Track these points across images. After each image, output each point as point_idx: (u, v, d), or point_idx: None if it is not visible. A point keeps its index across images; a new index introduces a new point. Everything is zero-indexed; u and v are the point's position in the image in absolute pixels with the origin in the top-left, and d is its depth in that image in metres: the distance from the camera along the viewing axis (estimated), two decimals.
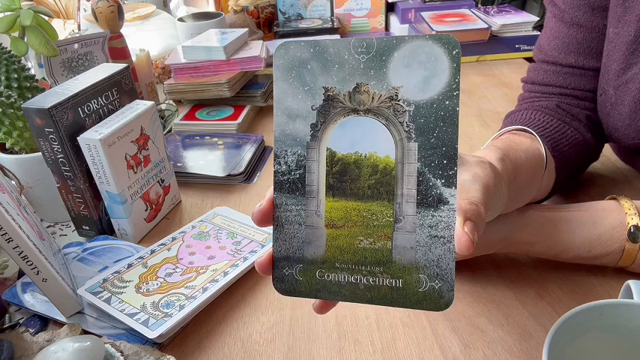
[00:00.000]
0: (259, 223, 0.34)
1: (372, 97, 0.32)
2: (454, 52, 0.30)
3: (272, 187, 0.34)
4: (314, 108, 0.33)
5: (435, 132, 0.31)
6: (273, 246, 0.34)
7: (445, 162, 0.31)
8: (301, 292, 0.34)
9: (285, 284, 0.34)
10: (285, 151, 0.33)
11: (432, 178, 0.31)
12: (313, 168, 0.33)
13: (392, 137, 0.32)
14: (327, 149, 0.33)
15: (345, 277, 0.33)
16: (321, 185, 0.33)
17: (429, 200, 0.31)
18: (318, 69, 0.32)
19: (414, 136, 0.31)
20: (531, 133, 0.55)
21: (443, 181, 0.31)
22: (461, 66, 0.30)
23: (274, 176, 0.34)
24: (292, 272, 0.34)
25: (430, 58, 0.31)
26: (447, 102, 0.31)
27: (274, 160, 0.33)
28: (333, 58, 0.32)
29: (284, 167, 0.33)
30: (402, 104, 0.31)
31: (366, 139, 0.32)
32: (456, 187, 0.31)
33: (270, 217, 0.34)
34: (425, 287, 0.32)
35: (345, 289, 0.33)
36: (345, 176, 0.33)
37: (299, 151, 0.33)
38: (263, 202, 0.34)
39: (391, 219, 0.32)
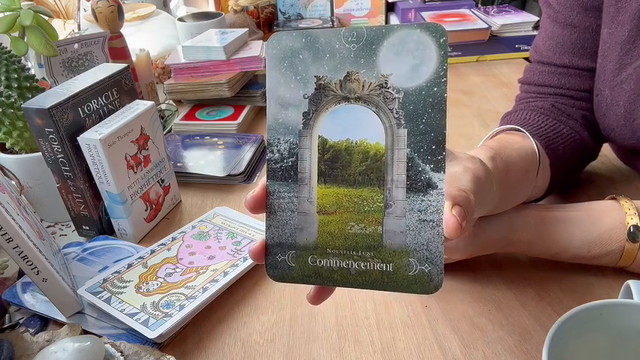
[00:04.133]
0: (252, 210, 0.34)
1: (363, 85, 0.33)
2: (441, 40, 0.31)
3: (265, 175, 0.34)
4: (306, 97, 0.33)
5: (424, 118, 0.32)
6: (265, 233, 0.34)
7: (434, 147, 0.32)
8: (294, 278, 0.34)
9: (277, 271, 0.34)
10: (278, 139, 0.34)
11: (421, 164, 0.32)
12: (305, 155, 0.34)
13: (382, 124, 0.33)
14: (319, 137, 0.33)
15: (336, 262, 0.33)
16: (313, 172, 0.34)
17: (418, 185, 0.32)
18: (310, 58, 0.33)
19: (403, 122, 0.32)
20: (524, 132, 0.55)
21: (432, 166, 0.32)
22: (448, 53, 0.31)
23: (267, 164, 0.34)
24: (285, 259, 0.34)
25: (418, 46, 0.31)
26: (435, 89, 0.31)
27: (267, 148, 0.34)
28: (324, 48, 0.33)
29: (276, 155, 0.34)
30: (391, 91, 0.32)
31: (356, 126, 0.33)
32: (444, 171, 0.32)
33: (263, 204, 0.34)
34: (415, 271, 0.32)
35: (337, 274, 0.33)
36: (336, 163, 0.33)
37: (291, 139, 0.34)
38: (256, 189, 0.34)
39: (381, 204, 0.33)
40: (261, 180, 0.35)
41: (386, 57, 0.32)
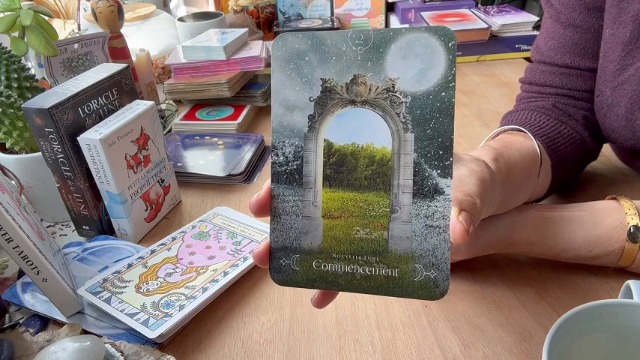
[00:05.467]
0: (256, 213, 0.34)
1: (369, 89, 0.32)
2: (450, 44, 0.31)
3: (269, 178, 0.34)
4: (311, 99, 0.33)
5: (431, 123, 0.31)
6: (270, 236, 0.34)
7: (441, 153, 0.31)
8: (298, 283, 0.34)
9: (282, 275, 0.34)
10: (283, 142, 0.33)
11: (428, 169, 0.32)
12: (310, 159, 0.33)
13: (389, 128, 0.32)
14: (325, 140, 0.33)
15: (341, 267, 0.33)
16: (318, 176, 0.33)
17: (424, 190, 0.32)
18: (316, 61, 0.33)
19: (410, 127, 0.32)
20: (525, 132, 0.55)
21: (439, 171, 0.31)
22: (456, 57, 0.31)
23: (272, 167, 0.34)
24: (289, 263, 0.34)
25: (426, 50, 0.31)
26: (443, 93, 0.31)
27: (272, 151, 0.34)
28: (330, 50, 0.32)
29: (281, 158, 0.34)
30: (398, 95, 0.32)
31: (363, 130, 0.33)
32: (451, 177, 0.31)
33: (267, 207, 0.34)
34: (421, 277, 0.32)
35: (342, 279, 0.33)
36: (342, 167, 0.33)
37: (296, 142, 0.33)
38: (260, 192, 0.34)
39: (387, 209, 0.33)
40: (265, 183, 0.34)
41: (393, 60, 0.32)
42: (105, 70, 0.62)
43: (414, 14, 1.30)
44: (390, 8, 1.38)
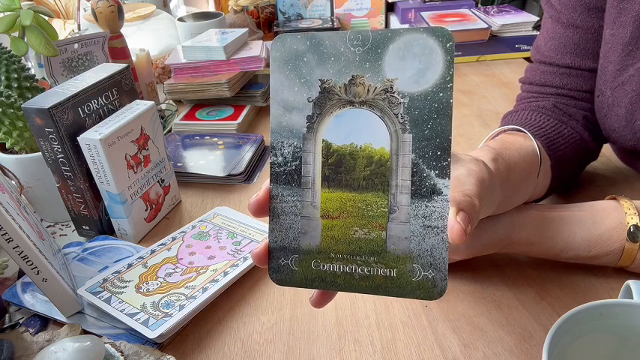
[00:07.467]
0: (255, 213, 0.34)
1: (368, 90, 0.32)
2: (448, 45, 0.31)
3: (268, 178, 0.34)
4: (310, 100, 0.33)
5: (429, 124, 0.31)
6: (269, 237, 0.34)
7: (439, 153, 0.31)
8: (297, 283, 0.34)
9: (280, 274, 0.34)
10: (282, 142, 0.34)
11: (426, 169, 0.32)
12: (309, 159, 0.33)
13: (387, 129, 0.32)
14: (323, 141, 0.33)
15: (340, 267, 0.33)
16: (316, 176, 0.33)
17: (422, 191, 0.32)
18: (315, 61, 0.33)
19: (408, 127, 0.32)
20: (525, 132, 0.55)
21: (437, 172, 0.32)
22: (454, 58, 0.31)
23: (270, 168, 0.34)
24: (288, 262, 0.34)
25: (424, 51, 0.31)
26: (441, 94, 0.31)
27: (270, 151, 0.34)
28: (329, 51, 0.33)
29: (280, 159, 0.34)
30: (396, 96, 0.32)
31: (361, 130, 0.33)
32: (449, 177, 0.31)
33: (266, 207, 0.34)
34: (419, 277, 0.32)
35: (340, 278, 0.33)
36: (340, 167, 0.33)
37: (295, 143, 0.33)
38: (259, 192, 0.34)
39: (386, 209, 0.33)
40: (264, 183, 0.34)
41: (391, 61, 0.32)
42: (105, 70, 0.62)
43: (414, 14, 1.30)
44: (390, 8, 1.38)
